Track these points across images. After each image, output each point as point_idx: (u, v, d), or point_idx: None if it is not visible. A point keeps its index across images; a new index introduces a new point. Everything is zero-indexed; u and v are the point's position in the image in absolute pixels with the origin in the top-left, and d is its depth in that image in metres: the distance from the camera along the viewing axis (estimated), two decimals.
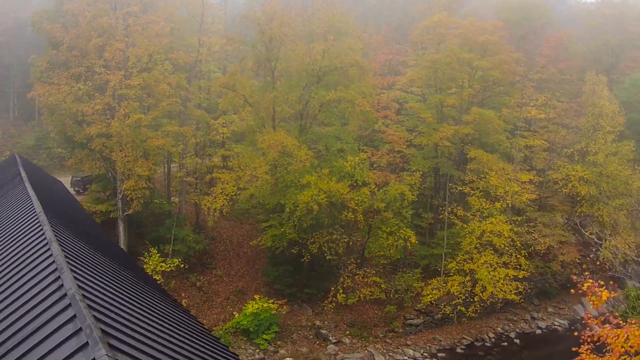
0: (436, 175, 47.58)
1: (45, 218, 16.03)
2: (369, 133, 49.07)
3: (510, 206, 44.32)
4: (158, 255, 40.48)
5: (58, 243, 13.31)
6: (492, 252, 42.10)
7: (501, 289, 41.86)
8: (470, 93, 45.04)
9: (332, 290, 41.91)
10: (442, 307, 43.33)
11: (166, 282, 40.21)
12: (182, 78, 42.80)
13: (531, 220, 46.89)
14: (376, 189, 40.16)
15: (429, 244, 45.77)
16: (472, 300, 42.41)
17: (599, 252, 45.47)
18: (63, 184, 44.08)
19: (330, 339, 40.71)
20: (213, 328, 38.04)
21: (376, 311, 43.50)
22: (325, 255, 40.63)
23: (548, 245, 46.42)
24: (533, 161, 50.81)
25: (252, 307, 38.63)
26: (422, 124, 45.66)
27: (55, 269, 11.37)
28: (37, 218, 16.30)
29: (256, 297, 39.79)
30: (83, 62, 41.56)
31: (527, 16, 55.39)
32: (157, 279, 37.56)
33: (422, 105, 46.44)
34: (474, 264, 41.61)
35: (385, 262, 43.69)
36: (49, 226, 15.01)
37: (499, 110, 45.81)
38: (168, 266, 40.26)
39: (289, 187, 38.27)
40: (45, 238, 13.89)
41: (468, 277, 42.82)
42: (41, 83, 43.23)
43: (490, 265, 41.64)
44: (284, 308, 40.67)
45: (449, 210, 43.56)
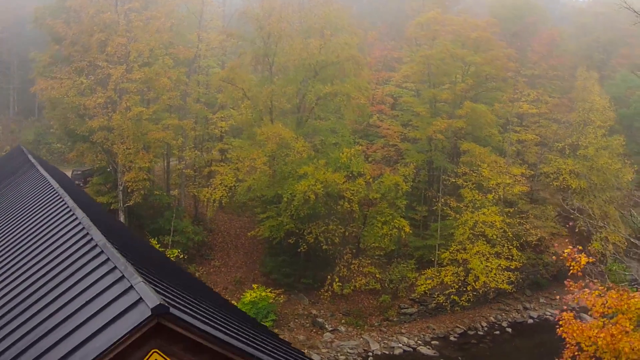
0: (430, 168, 49.36)
1: (63, 191, 17.83)
2: (364, 127, 50.87)
3: (502, 198, 46.14)
4: (158, 246, 42.20)
5: (80, 209, 15.10)
6: (485, 242, 43.88)
7: (493, 279, 43.66)
8: (463, 88, 46.87)
9: (328, 279, 43.62)
10: (435, 297, 45.07)
11: None
12: (181, 73, 44.64)
13: (523, 212, 48.70)
14: (372, 180, 41.97)
15: (423, 236, 47.49)
16: (465, 290, 44.18)
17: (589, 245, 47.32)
18: (66, 175, 45.82)
19: (327, 327, 42.47)
20: None
21: (371, 301, 45.25)
22: (322, 245, 42.39)
23: (540, 237, 48.21)
24: (525, 155, 52.66)
25: (250, 295, 40.37)
26: (416, 118, 47.46)
27: (83, 228, 13.17)
28: (57, 192, 18.08)
29: (254, 287, 41.53)
30: (85, 57, 43.31)
31: (520, 14, 57.35)
32: None
33: (416, 100, 48.27)
34: (466, 254, 43.38)
35: (380, 253, 45.44)
36: (68, 197, 16.81)
37: (492, 105, 47.62)
38: (168, 256, 42.01)
39: (286, 178, 40.04)
40: (68, 206, 15.69)
41: (461, 268, 44.60)
42: (44, 78, 45.04)
43: (483, 255, 43.43)
44: (281, 297, 42.38)
45: (442, 201, 45.35)
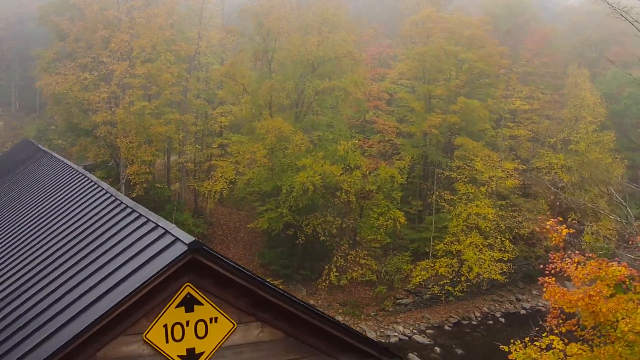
0: (425, 163, 51.04)
1: (84, 170, 19.46)
2: (361, 122, 52.57)
3: (495, 191, 47.89)
4: None
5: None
6: (478, 234, 45.62)
7: (487, 270, 45.42)
8: (457, 84, 48.62)
9: (326, 270, 45.23)
10: (430, 288, 46.74)
11: None
12: (182, 69, 46.33)
13: (515, 205, 50.43)
14: (368, 173, 43.69)
15: (418, 229, 49.14)
16: (459, 280, 45.91)
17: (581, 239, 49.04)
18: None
19: None
20: None
21: (367, 292, 46.89)
22: (320, 237, 44.04)
23: (532, 230, 49.92)
24: (518, 151, 54.41)
25: None
26: (411, 114, 49.17)
27: (111, 195, 14.83)
28: (77, 170, 19.71)
29: None
30: (89, 53, 44.98)
31: (512, 12, 59.20)
32: None
33: (411, 96, 49.99)
34: (460, 246, 45.10)
35: (376, 246, 47.08)
36: (90, 174, 18.46)
37: (485, 101, 49.36)
38: None
39: (285, 171, 41.71)
40: (92, 180, 17.33)
41: (455, 260, 46.30)
42: (48, 73, 46.69)
43: (476, 246, 45.15)
44: (280, 288, 44.00)
45: (437, 194, 47.06)
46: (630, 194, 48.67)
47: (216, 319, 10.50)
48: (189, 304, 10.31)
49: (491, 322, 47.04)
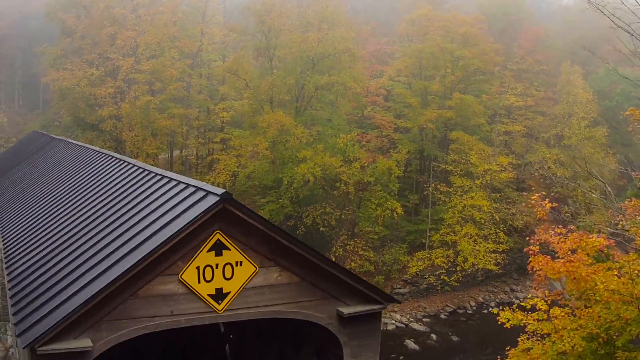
0: (421, 157, 52.92)
1: (107, 151, 21.28)
2: (359, 118, 54.46)
3: (490, 184, 49.81)
4: None
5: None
6: (473, 225, 47.52)
7: (481, 260, 47.32)
8: (452, 80, 50.54)
9: None
10: (426, 278, 48.58)
11: None
12: (186, 65, 48.21)
13: (510, 198, 52.34)
14: (366, 165, 45.59)
15: (415, 221, 50.99)
16: (454, 270, 47.79)
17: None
18: None
19: None
20: None
21: None
22: (319, 228, 45.87)
23: (525, 222, 51.82)
24: (512, 146, 56.35)
25: None
26: (408, 109, 51.07)
27: (139, 167, 16.64)
28: (99, 151, 21.52)
29: None
30: (95, 50, 46.87)
31: (507, 11, 61.22)
32: None
33: (408, 92, 51.88)
34: (456, 236, 46.99)
35: (374, 237, 48.91)
36: (115, 153, 20.28)
37: (480, 97, 51.29)
38: None
39: (286, 163, 43.57)
40: (117, 158, 19.16)
41: (451, 251, 48.19)
42: (54, 69, 48.55)
43: (471, 237, 47.05)
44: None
45: (433, 186, 48.98)
46: (624, 188, 50.76)
47: (241, 262, 12.33)
48: (218, 248, 12.14)
49: (486, 312, 48.86)
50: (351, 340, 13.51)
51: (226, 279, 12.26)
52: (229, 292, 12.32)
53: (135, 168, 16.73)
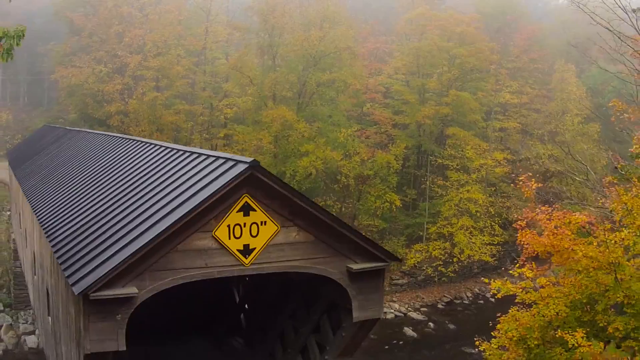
0: (419, 152, 55.22)
1: (132, 136, 23.42)
2: (358, 114, 56.74)
3: (485, 178, 52.10)
4: None
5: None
6: (469, 217, 49.81)
7: (477, 252, 49.61)
8: (449, 78, 52.86)
9: None
10: (424, 269, 50.83)
11: None
12: (191, 62, 50.48)
13: (505, 193, 54.63)
14: (366, 159, 47.87)
15: (412, 215, 53.27)
16: (451, 262, 50.04)
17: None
18: None
19: None
20: None
21: None
22: None
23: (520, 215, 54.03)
24: (508, 142, 58.68)
25: None
26: (405, 106, 53.40)
27: (165, 147, 18.79)
28: (121, 137, 23.66)
29: None
30: (103, 47, 49.10)
31: (503, 11, 63.63)
32: None
33: (406, 89, 54.23)
34: (452, 228, 49.26)
35: (373, 230, 51.11)
36: (141, 138, 22.44)
37: (475, 94, 53.63)
38: None
39: (289, 157, 45.79)
40: (141, 141, 21.31)
41: (447, 243, 50.44)
42: (62, 66, 50.75)
43: (467, 229, 49.33)
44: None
45: (430, 180, 51.27)
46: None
47: (265, 222, 14.50)
48: (246, 210, 14.30)
49: (482, 302, 51.11)
50: (359, 294, 15.68)
51: (252, 236, 14.41)
52: (255, 248, 14.48)
53: (163, 148, 18.89)
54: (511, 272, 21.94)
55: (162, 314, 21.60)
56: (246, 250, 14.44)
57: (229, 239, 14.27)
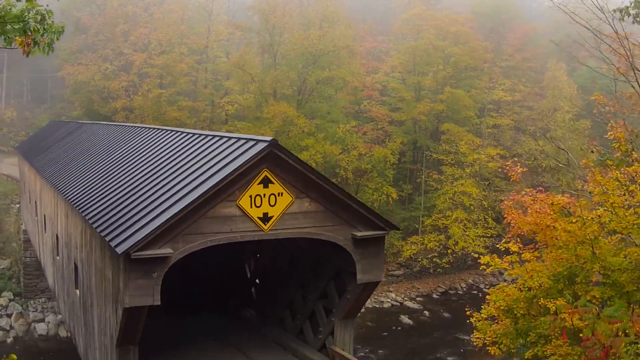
0: (414, 148, 57.82)
1: (153, 125, 25.84)
2: (356, 111, 59.32)
3: (479, 173, 54.71)
4: None
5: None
6: (463, 210, 52.43)
7: (471, 244, 52.21)
8: (444, 76, 55.51)
9: None
10: (420, 261, 53.38)
11: None
12: (194, 61, 52.98)
13: (498, 187, 57.23)
14: (364, 154, 50.43)
15: (408, 209, 55.84)
16: (445, 253, 52.63)
17: None
18: None
19: None
20: None
21: None
22: None
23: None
24: (501, 139, 61.33)
25: None
26: (402, 103, 56.02)
27: (184, 132, 21.22)
28: (141, 127, 26.09)
29: None
30: (109, 45, 51.56)
31: (497, 11, 66.40)
32: None
33: (402, 87, 56.87)
34: (447, 221, 51.85)
35: None
36: (160, 127, 24.87)
37: (469, 92, 56.29)
38: None
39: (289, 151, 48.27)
40: (161, 129, 23.73)
41: (442, 235, 53.00)
42: (69, 64, 53.19)
43: (461, 221, 51.92)
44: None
45: (426, 174, 53.87)
46: None
47: (282, 193, 16.94)
48: (265, 182, 16.75)
49: (476, 292, 53.63)
50: (362, 259, 18.12)
51: (271, 205, 16.85)
52: (273, 216, 16.91)
53: (186, 134, 21.34)
54: (498, 246, 24.47)
55: (180, 291, 24.02)
56: (265, 218, 16.88)
57: (251, 207, 16.70)
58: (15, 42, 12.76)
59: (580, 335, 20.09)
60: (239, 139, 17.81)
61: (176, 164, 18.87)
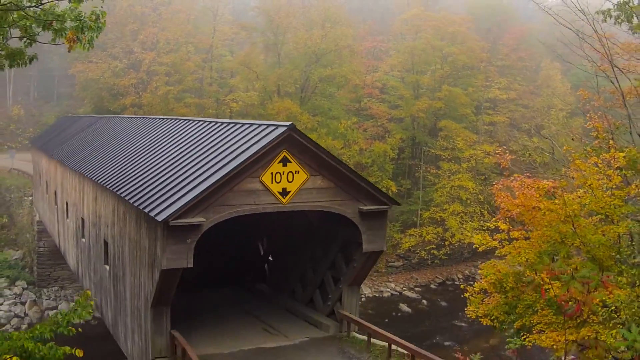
0: (413, 144, 60.87)
1: (176, 116, 28.79)
2: (356, 109, 62.36)
3: (475, 168, 57.76)
4: None
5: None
6: (459, 204, 55.47)
7: (467, 236, 55.18)
8: (441, 74, 58.60)
9: None
10: (418, 252, 56.40)
11: None
12: (200, 59, 55.99)
13: (494, 182, 60.22)
14: (365, 149, 53.44)
15: (407, 202, 58.81)
16: (443, 245, 55.64)
17: None
18: None
19: None
20: None
21: None
22: None
23: None
24: (496, 136, 64.41)
25: None
26: (401, 100, 59.10)
27: (205, 121, 24.19)
28: (161, 118, 29.02)
29: None
30: (118, 44, 54.48)
31: (493, 12, 69.59)
32: None
33: (401, 85, 59.99)
34: (444, 213, 54.88)
35: None
36: (181, 118, 27.83)
37: (466, 90, 59.38)
38: None
39: None
40: (181, 119, 26.68)
41: (440, 228, 56.01)
42: (79, 62, 56.08)
43: (457, 214, 54.95)
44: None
45: (424, 169, 56.91)
46: None
47: (298, 171, 19.90)
48: (284, 161, 19.71)
49: (472, 283, 56.29)
50: (367, 230, 21.11)
51: (289, 182, 19.81)
52: (290, 191, 19.87)
53: (208, 122, 24.32)
54: (488, 224, 27.47)
55: (200, 269, 27.00)
56: (284, 192, 19.85)
57: (272, 183, 19.68)
58: (63, 39, 14.96)
59: (556, 297, 23.02)
60: (261, 124, 20.80)
61: (205, 146, 21.81)
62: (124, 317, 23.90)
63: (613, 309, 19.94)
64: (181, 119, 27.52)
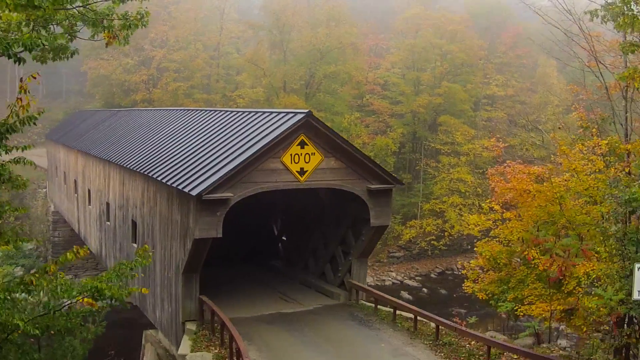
0: (414, 138, 64.11)
1: (195, 108, 31.92)
2: (359, 105, 65.58)
3: (474, 162, 60.98)
4: None
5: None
6: (458, 196, 58.68)
7: (466, 227, 58.38)
8: (441, 71, 61.85)
9: None
10: (418, 243, 59.61)
11: None
12: (208, 56, 59.17)
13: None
14: (368, 143, 56.62)
15: (408, 195, 62.05)
16: (442, 236, 58.85)
17: None
18: None
19: None
20: None
21: None
22: None
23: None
24: (494, 131, 67.63)
25: None
26: (402, 96, 62.34)
27: (226, 111, 27.39)
28: (181, 109, 32.15)
29: None
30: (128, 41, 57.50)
31: (491, 11, 72.90)
32: None
33: (402, 81, 63.25)
34: (444, 205, 58.08)
35: None
36: (204, 109, 30.99)
37: (465, 86, 62.63)
38: None
39: None
40: (201, 109, 29.86)
41: (440, 220, 59.20)
42: (90, 59, 59.22)
43: (456, 206, 58.16)
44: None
45: (424, 162, 60.13)
46: None
47: (314, 153, 23.07)
48: (302, 144, 22.88)
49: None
50: (375, 207, 24.28)
51: (306, 162, 22.97)
52: (307, 170, 23.03)
53: (228, 112, 27.48)
54: (483, 204, 30.66)
55: (221, 248, 30.13)
56: (302, 172, 23.02)
57: (291, 163, 22.83)
58: (103, 35, 17.05)
59: (545, 270, 26.11)
60: (280, 112, 23.99)
61: (231, 131, 24.98)
62: (153, 288, 26.94)
63: (594, 277, 23.08)
64: (205, 110, 30.73)
